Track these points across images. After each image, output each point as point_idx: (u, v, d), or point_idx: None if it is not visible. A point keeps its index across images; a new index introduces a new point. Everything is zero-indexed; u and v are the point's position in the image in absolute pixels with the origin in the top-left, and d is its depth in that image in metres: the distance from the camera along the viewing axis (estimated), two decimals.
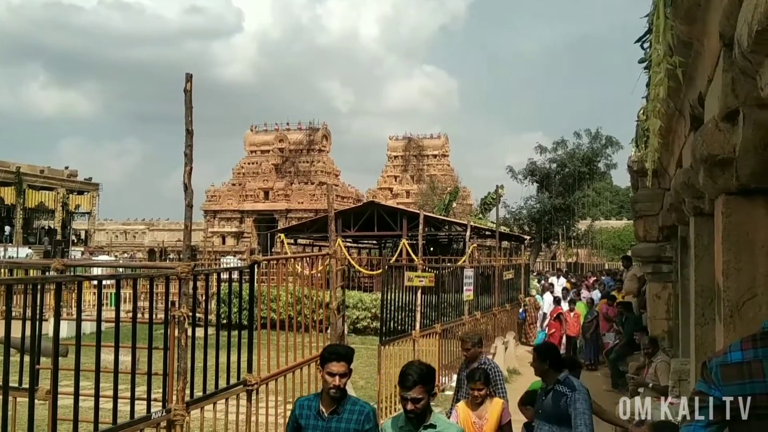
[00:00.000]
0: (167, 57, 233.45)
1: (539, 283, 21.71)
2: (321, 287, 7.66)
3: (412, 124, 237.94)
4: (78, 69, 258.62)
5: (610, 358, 11.57)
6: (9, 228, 41.43)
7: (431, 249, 27.48)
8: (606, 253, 55.94)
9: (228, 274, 6.04)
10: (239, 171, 55.29)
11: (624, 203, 58.62)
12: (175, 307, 4.68)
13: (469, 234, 19.60)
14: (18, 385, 4.27)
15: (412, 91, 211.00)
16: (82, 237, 52.80)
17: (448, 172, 60.91)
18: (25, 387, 3.98)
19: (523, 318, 17.52)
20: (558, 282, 19.63)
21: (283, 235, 24.50)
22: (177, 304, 4.73)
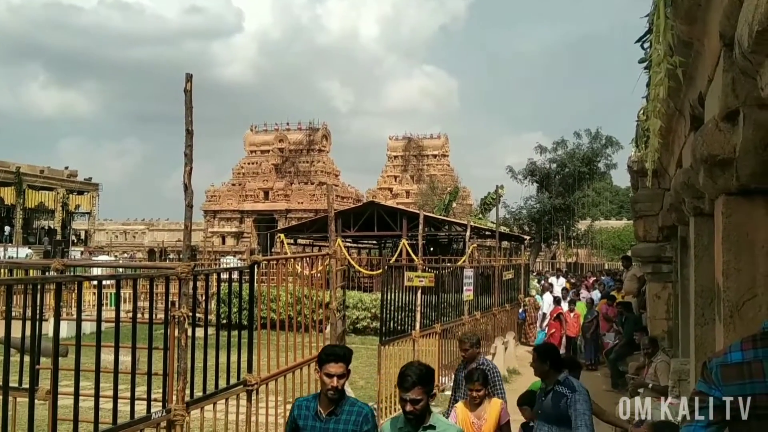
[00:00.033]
0: (167, 57, 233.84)
1: (539, 284, 21.70)
2: (321, 287, 7.65)
3: (412, 124, 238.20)
4: (78, 69, 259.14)
5: (609, 358, 11.58)
6: (9, 228, 41.41)
7: (431, 249, 27.47)
8: (606, 253, 55.94)
9: (228, 274, 6.04)
10: (239, 171, 55.31)
11: (624, 203, 58.63)
12: (175, 307, 4.68)
13: (468, 234, 19.59)
14: (18, 385, 4.27)
15: (412, 91, 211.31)
16: (82, 237, 52.82)
17: (448, 172, 60.93)
18: (25, 387, 3.98)
19: (522, 318, 17.52)
20: (557, 282, 19.62)
21: (282, 235, 24.46)
22: (177, 304, 4.73)
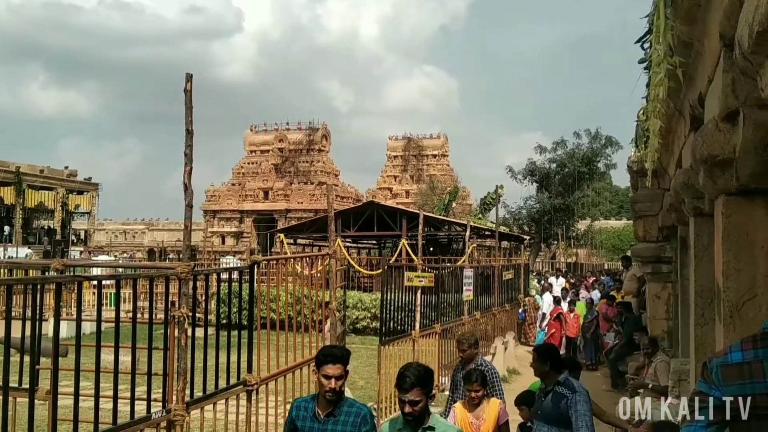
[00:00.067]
0: (167, 57, 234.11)
1: (539, 284, 21.70)
2: (321, 287, 7.65)
3: (411, 124, 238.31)
4: (78, 69, 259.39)
5: (609, 358, 11.58)
6: (8, 228, 41.40)
7: (431, 249, 27.47)
8: (605, 253, 55.93)
9: (228, 274, 6.04)
10: (239, 171, 55.30)
11: (624, 203, 58.65)
12: (175, 307, 4.68)
13: (468, 234, 19.59)
14: (18, 385, 4.27)
15: (411, 91, 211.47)
16: (82, 237, 52.78)
17: (448, 172, 60.92)
18: (25, 387, 3.98)
19: (522, 318, 17.52)
20: (557, 282, 19.63)
21: (282, 235, 24.46)
22: (177, 304, 4.73)
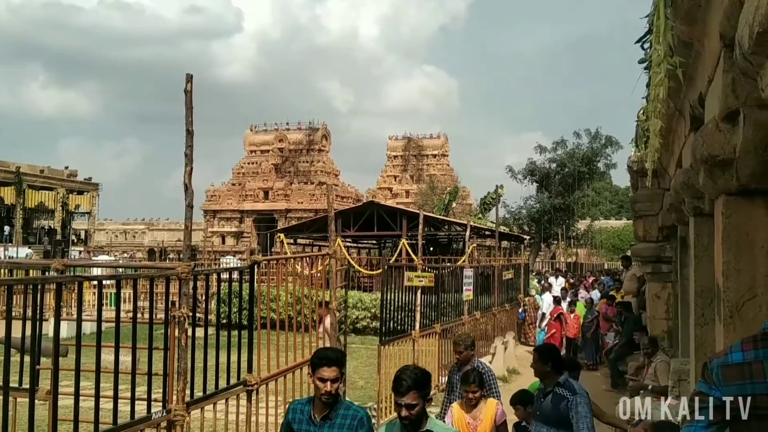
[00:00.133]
0: (167, 57, 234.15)
1: (539, 284, 21.70)
2: (321, 287, 7.65)
3: (411, 124, 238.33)
4: (78, 69, 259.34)
5: (609, 358, 11.58)
6: (9, 228, 41.43)
7: (431, 249, 27.46)
8: (605, 252, 55.96)
9: (228, 274, 6.04)
10: (239, 171, 55.32)
11: (623, 203, 58.68)
12: (175, 307, 4.68)
13: (468, 234, 19.58)
14: (18, 385, 4.26)
15: (411, 91, 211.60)
16: (82, 237, 52.81)
17: (448, 172, 60.94)
18: (25, 387, 3.98)
19: (522, 318, 17.52)
20: (557, 282, 19.63)
21: (282, 235, 24.43)
22: (177, 304, 4.73)
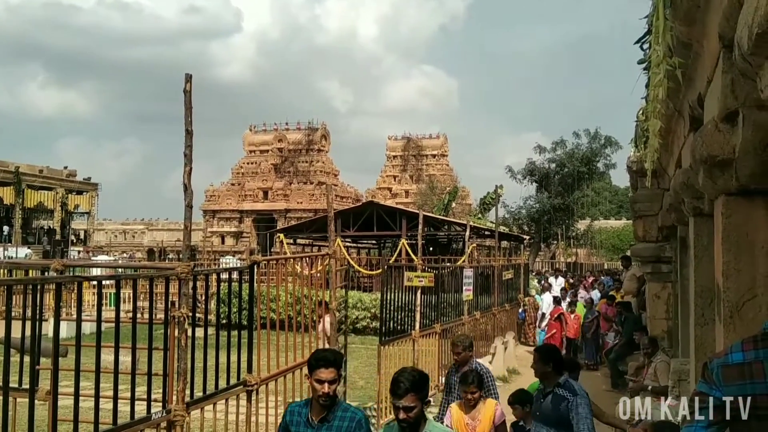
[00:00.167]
0: (166, 57, 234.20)
1: (539, 283, 21.70)
2: (321, 287, 7.65)
3: (411, 123, 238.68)
4: (77, 69, 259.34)
5: (609, 358, 11.58)
6: (8, 228, 41.41)
7: (430, 249, 27.46)
8: (605, 252, 55.98)
9: (228, 274, 6.03)
10: (238, 171, 55.31)
11: (623, 203, 58.67)
12: (175, 308, 4.68)
13: (468, 234, 19.57)
14: (18, 385, 4.26)
15: (411, 90, 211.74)
16: (81, 237, 52.78)
17: (447, 172, 60.92)
18: (25, 387, 3.98)
19: (522, 318, 17.53)
20: (557, 282, 19.64)
21: (282, 235, 24.43)
22: (177, 305, 4.72)
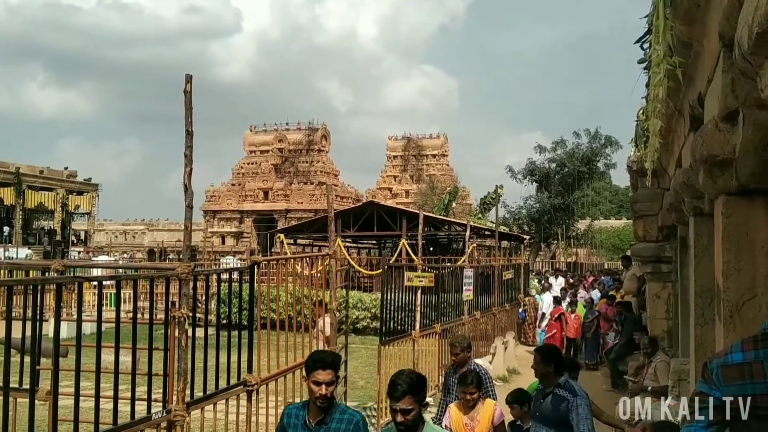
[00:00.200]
0: (166, 57, 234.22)
1: (539, 283, 21.70)
2: (321, 287, 7.66)
3: (411, 123, 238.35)
4: (77, 69, 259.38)
5: (609, 358, 11.58)
6: (8, 228, 41.40)
7: (431, 249, 27.47)
8: (605, 252, 55.92)
9: (228, 275, 6.03)
10: (238, 171, 55.31)
11: (623, 203, 58.65)
12: (175, 308, 4.68)
13: (468, 234, 19.56)
14: (18, 385, 4.26)
15: (411, 90, 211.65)
16: (82, 237, 52.79)
17: (448, 172, 60.92)
18: (25, 387, 3.98)
19: (522, 318, 17.53)
20: (557, 282, 19.64)
21: (282, 236, 24.42)
22: (177, 305, 4.73)
